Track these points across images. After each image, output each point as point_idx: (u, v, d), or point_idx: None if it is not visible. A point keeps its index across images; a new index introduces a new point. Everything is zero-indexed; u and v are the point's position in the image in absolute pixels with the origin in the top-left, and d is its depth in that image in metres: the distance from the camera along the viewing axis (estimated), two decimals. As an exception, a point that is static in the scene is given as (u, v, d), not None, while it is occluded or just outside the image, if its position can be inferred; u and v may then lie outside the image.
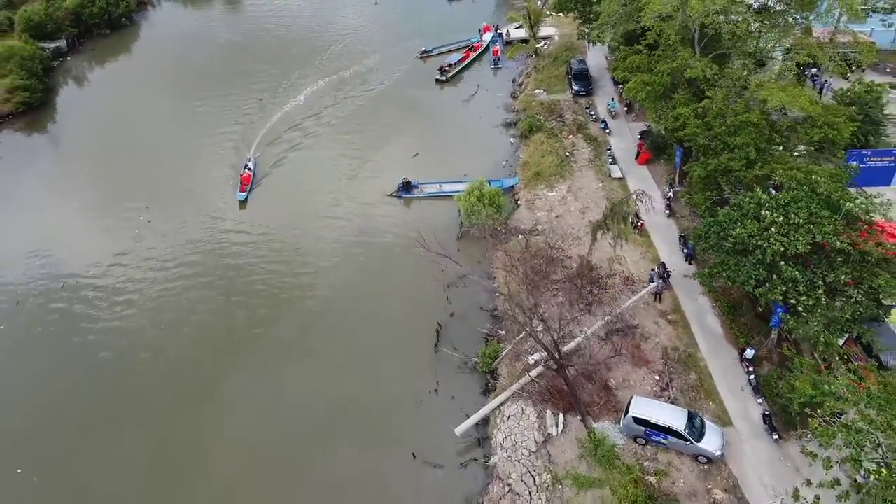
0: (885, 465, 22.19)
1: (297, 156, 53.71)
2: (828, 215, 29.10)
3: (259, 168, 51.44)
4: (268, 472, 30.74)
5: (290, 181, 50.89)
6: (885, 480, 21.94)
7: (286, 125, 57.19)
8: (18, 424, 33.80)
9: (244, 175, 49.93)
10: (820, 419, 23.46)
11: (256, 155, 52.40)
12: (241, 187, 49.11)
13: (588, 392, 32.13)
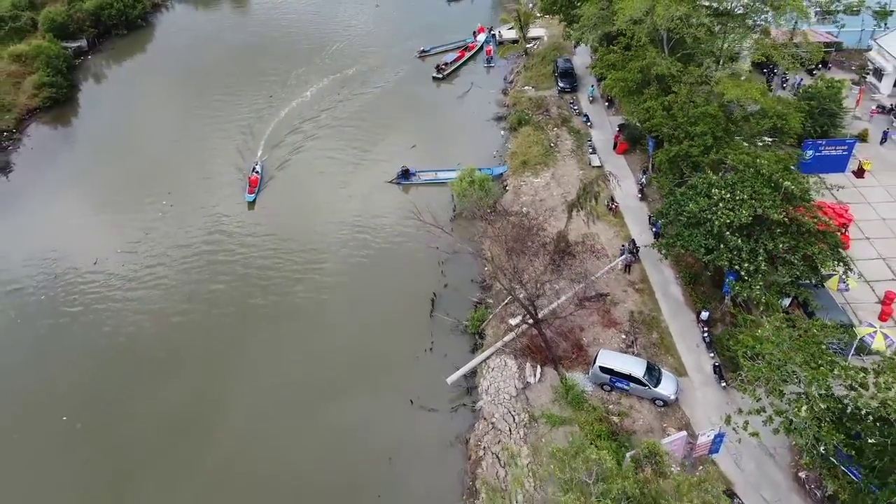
0: (806, 403, 26.78)
1: (305, 146, 58.23)
2: (768, 192, 33.78)
3: (268, 167, 54.90)
4: (285, 416, 35.41)
5: (298, 170, 55.45)
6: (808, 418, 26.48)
7: (297, 118, 61.79)
8: (64, 379, 38.37)
9: (252, 178, 52.91)
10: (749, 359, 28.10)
11: (263, 158, 55.81)
12: (250, 189, 52.06)
13: (563, 349, 36.81)
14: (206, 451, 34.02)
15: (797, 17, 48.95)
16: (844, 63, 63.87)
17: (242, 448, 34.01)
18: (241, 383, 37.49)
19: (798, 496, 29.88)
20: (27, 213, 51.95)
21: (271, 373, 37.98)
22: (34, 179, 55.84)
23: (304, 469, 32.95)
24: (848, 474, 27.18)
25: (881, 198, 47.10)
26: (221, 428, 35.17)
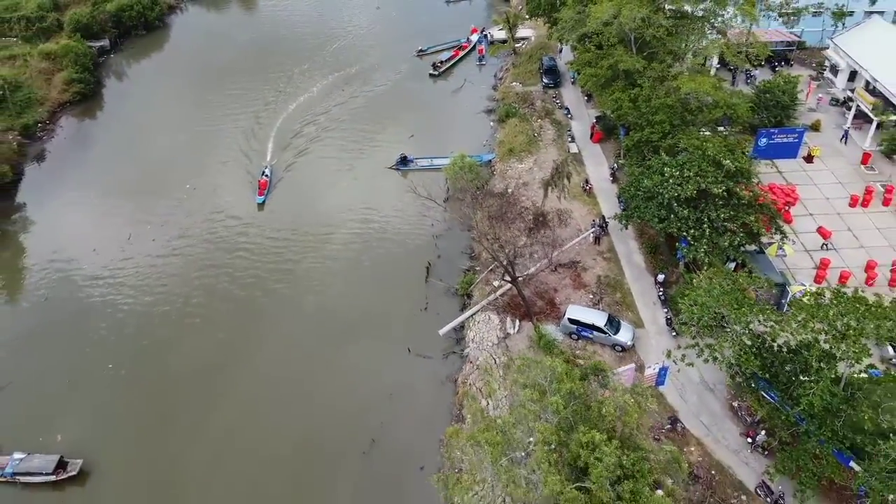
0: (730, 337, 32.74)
1: (316, 136, 64.17)
2: (712, 170, 39.68)
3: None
4: (302, 362, 41.55)
5: (308, 158, 61.39)
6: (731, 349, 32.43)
7: (306, 111, 67.73)
8: (112, 335, 44.39)
9: (262, 181, 56.69)
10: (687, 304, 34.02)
11: (273, 162, 60.30)
12: (260, 191, 55.91)
13: (539, 307, 42.83)
14: (236, 387, 40.08)
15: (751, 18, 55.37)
16: (806, 60, 69.85)
17: (267, 386, 40.11)
18: (262, 337, 43.58)
19: (731, 422, 35.87)
20: (65, 197, 57.87)
21: (289, 327, 44.13)
22: (68, 166, 61.80)
23: (317, 403, 38.98)
24: (766, 398, 33.14)
25: (826, 180, 53.16)
26: (248, 371, 41.24)
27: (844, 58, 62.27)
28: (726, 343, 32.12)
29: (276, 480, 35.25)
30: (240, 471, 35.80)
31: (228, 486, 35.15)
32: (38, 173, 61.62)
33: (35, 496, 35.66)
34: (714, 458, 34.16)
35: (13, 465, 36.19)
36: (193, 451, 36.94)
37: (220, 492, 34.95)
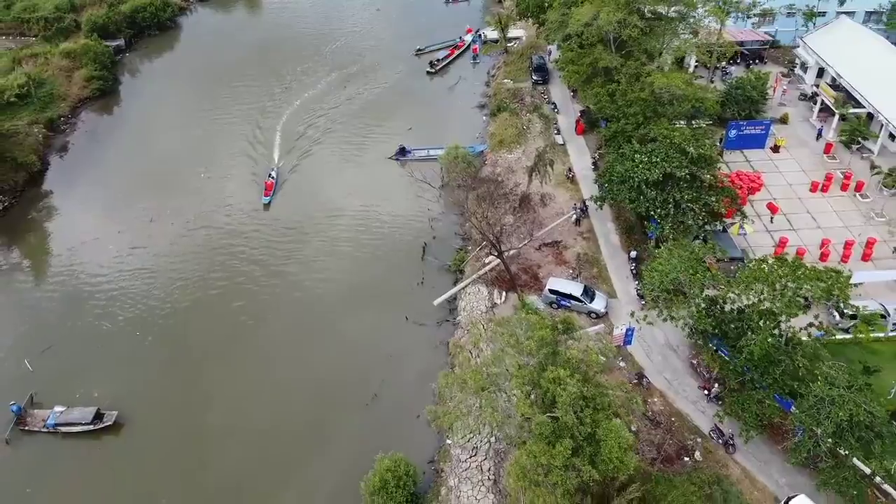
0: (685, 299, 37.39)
1: (323, 126, 68.84)
2: (677, 156, 44.34)
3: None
4: (312, 327, 46.30)
5: (315, 148, 66.05)
6: (685, 308, 37.11)
7: (311, 105, 72.41)
8: (138, 305, 49.08)
9: (268, 182, 59.76)
10: (649, 271, 38.66)
11: (279, 164, 64.03)
12: (266, 192, 58.96)
13: (524, 280, 47.53)
14: (252, 349, 44.84)
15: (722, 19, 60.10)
16: (780, 58, 74.55)
17: (279, 349, 44.84)
18: (274, 307, 48.30)
19: (690, 377, 40.56)
20: (88, 185, 62.58)
21: (298, 298, 48.88)
22: (90, 157, 66.44)
23: (325, 363, 43.70)
24: (719, 353, 37.79)
25: (790, 168, 57.90)
26: (262, 335, 46.02)
27: (812, 56, 66.98)
28: (683, 304, 36.83)
29: (290, 427, 39.95)
30: (257, 419, 40.51)
31: (247, 432, 39.85)
32: (62, 164, 66.26)
33: (74, 444, 40.27)
34: (674, 408, 38.86)
35: (55, 417, 40.87)
36: (215, 403, 41.65)
37: (240, 437, 39.62)
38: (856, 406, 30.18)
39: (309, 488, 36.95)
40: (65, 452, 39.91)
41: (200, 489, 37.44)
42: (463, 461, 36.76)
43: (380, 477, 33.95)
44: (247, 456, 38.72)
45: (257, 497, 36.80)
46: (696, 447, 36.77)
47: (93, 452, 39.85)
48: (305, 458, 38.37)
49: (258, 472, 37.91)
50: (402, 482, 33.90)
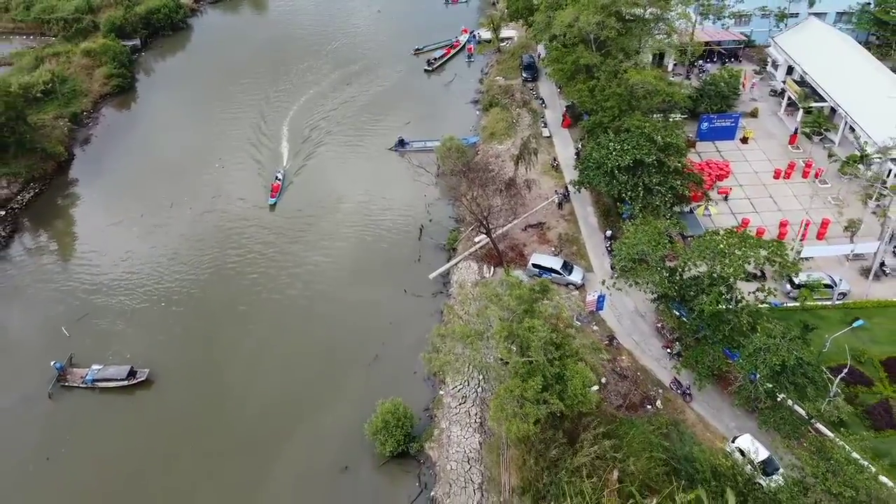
0: (647, 268, 42.50)
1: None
2: (646, 144, 49.49)
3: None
4: (323, 296, 51.69)
5: (323, 138, 71.31)
6: (648, 275, 42.24)
7: (317, 100, 77.68)
8: (161, 277, 54.34)
9: (275, 184, 63.33)
10: (619, 245, 43.83)
11: (285, 167, 68.11)
12: (272, 194, 62.64)
13: (510, 257, 52.75)
14: (265, 315, 50.14)
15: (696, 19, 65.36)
16: (753, 57, 79.76)
17: (290, 316, 50.24)
18: (285, 280, 53.59)
19: (655, 339, 45.80)
20: (110, 174, 67.88)
21: (307, 273, 54.19)
22: (111, 148, 71.71)
23: (332, 328, 49.03)
24: (679, 315, 42.98)
25: (757, 157, 63.12)
26: (275, 304, 51.36)
27: (782, 54, 72.18)
28: (646, 272, 42.00)
29: (300, 383, 45.26)
30: (271, 376, 45.81)
31: (262, 386, 45.14)
32: (86, 154, 71.52)
33: (110, 398, 45.53)
34: (640, 364, 44.12)
35: (93, 374, 46.14)
36: (233, 363, 46.95)
37: (256, 391, 44.88)
38: (787, 353, 35.40)
39: (318, 433, 42.18)
40: (101, 405, 45.16)
41: (222, 435, 42.62)
42: (454, 408, 42.05)
43: (381, 418, 39.23)
44: (262, 406, 43.98)
45: (272, 440, 41.99)
46: (658, 397, 42.03)
47: (126, 405, 45.08)
48: (314, 409, 43.63)
49: (272, 419, 43.15)
50: (401, 422, 39.20)
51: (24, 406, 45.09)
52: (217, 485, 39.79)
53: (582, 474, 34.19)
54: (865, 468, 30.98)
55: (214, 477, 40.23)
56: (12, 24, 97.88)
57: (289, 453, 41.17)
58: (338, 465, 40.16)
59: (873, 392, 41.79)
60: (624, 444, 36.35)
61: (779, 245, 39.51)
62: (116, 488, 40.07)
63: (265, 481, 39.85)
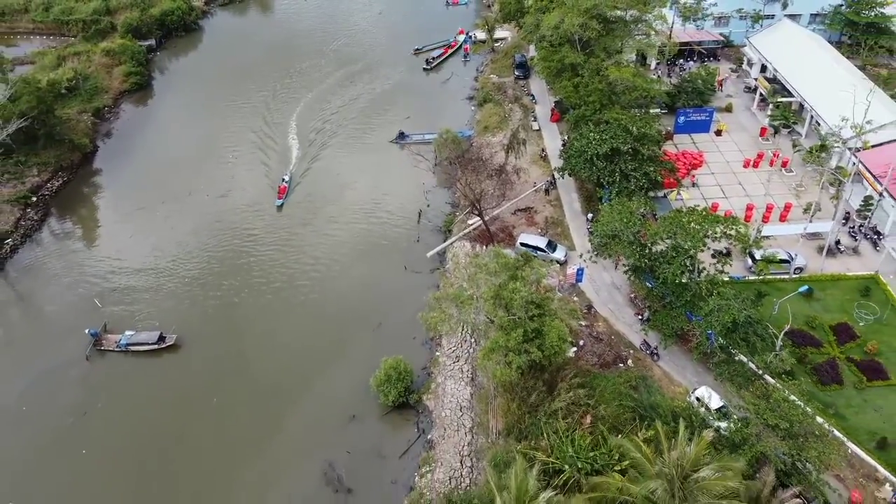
0: (620, 241, 47.76)
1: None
2: (622, 134, 54.79)
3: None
4: (333, 271, 57.04)
5: (330, 130, 76.74)
6: (621, 248, 47.56)
7: (320, 101, 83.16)
8: (183, 256, 59.71)
9: (282, 186, 67.04)
10: (596, 223, 49.16)
11: (292, 170, 71.02)
12: (279, 196, 66.22)
13: (501, 238, 58.12)
14: (280, 288, 55.55)
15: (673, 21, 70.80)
16: (731, 56, 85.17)
17: (303, 287, 55.81)
18: (297, 257, 59.05)
19: (629, 308, 51.14)
20: (132, 164, 73.26)
21: (317, 250, 59.66)
22: (132, 141, 77.11)
23: (340, 300, 54.42)
24: (648, 285, 48.33)
25: (729, 148, 68.49)
26: (288, 277, 56.77)
27: (756, 53, 77.58)
28: (619, 246, 47.30)
29: (312, 346, 50.66)
30: (286, 340, 51.25)
31: (278, 349, 50.54)
32: (108, 146, 76.91)
33: (142, 360, 50.87)
34: (614, 329, 49.46)
35: (126, 338, 51.50)
36: (252, 328, 52.38)
37: (273, 353, 50.27)
38: (738, 312, 40.72)
39: (329, 388, 47.59)
40: (133, 366, 50.50)
41: (242, 391, 47.97)
42: (448, 366, 47.46)
43: (385, 372, 44.65)
44: (278, 366, 49.36)
45: (287, 395, 47.36)
46: (629, 356, 47.37)
47: (156, 366, 50.43)
48: (325, 368, 49.04)
49: (287, 377, 48.52)
50: (402, 376, 44.62)
51: (65, 368, 50.42)
52: (239, 433, 45.11)
53: (558, 417, 39.60)
54: (798, 406, 36.36)
55: (236, 426, 45.55)
56: (32, 25, 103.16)
57: (303, 405, 46.59)
58: (346, 415, 45.58)
59: (822, 353, 47.09)
60: (596, 393, 41.78)
61: (733, 220, 44.82)
62: (148, 437, 45.33)
63: (282, 429, 45.24)
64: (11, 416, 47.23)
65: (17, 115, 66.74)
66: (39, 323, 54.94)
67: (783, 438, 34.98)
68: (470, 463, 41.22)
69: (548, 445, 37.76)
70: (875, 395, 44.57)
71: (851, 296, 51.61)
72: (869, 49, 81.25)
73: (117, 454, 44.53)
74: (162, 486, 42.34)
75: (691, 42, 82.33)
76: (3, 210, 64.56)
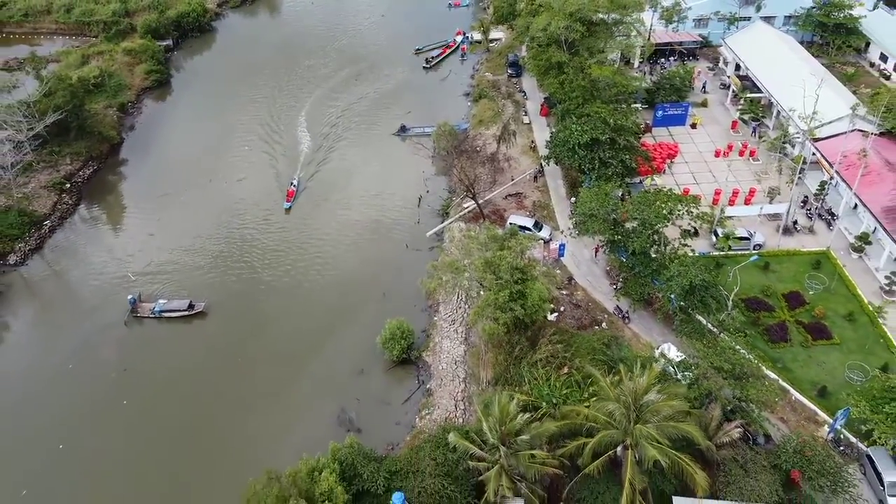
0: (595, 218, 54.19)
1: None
2: (601, 126, 61.20)
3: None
4: (340, 250, 63.57)
5: (334, 122, 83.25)
6: (595, 223, 54.00)
7: (326, 98, 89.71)
8: (207, 234, 66.23)
9: (290, 190, 71.27)
10: (576, 204, 55.64)
11: (300, 175, 74.81)
12: (287, 199, 70.42)
13: (493, 220, 64.58)
14: (294, 263, 62.05)
15: (652, 23, 77.26)
16: (709, 55, 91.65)
17: (315, 262, 62.42)
18: (307, 237, 65.58)
19: (605, 279, 57.64)
20: (155, 155, 79.85)
21: (325, 230, 66.16)
22: (154, 134, 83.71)
23: (348, 274, 61.05)
24: (621, 258, 54.83)
25: (702, 139, 75.00)
26: (300, 254, 63.25)
27: (731, 53, 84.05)
28: (595, 224, 53.73)
29: (324, 313, 57.21)
30: (301, 307, 57.83)
31: (294, 316, 57.08)
32: (132, 138, 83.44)
33: (174, 325, 57.36)
34: (592, 297, 55.95)
35: (159, 306, 57.99)
36: (272, 297, 59.04)
37: (289, 319, 56.76)
38: (694, 276, 47.19)
39: (340, 347, 54.12)
40: (166, 330, 56.99)
41: (263, 351, 54.42)
42: (445, 328, 54.02)
43: (389, 332, 51.19)
44: (295, 330, 55.89)
45: (303, 354, 53.85)
46: (604, 320, 53.85)
47: (186, 330, 56.96)
48: (336, 331, 55.55)
49: (303, 339, 55.06)
50: (404, 335, 51.16)
51: (106, 331, 56.93)
52: (261, 385, 51.58)
53: (538, 367, 46.10)
54: (741, 353, 42.88)
55: (259, 380, 52.01)
56: (55, 26, 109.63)
57: (317, 362, 53.15)
58: (356, 369, 52.14)
59: (774, 316, 53.54)
60: (573, 349, 48.29)
61: (692, 199, 51.35)
62: (179, 390, 51.65)
63: (300, 381, 51.75)
64: (61, 372, 53.68)
65: (53, 109, 73.11)
66: (79, 294, 61.40)
67: (726, 379, 41.42)
68: (463, 406, 47.76)
69: (529, 390, 44.27)
70: (819, 353, 51.00)
71: (804, 268, 58.12)
72: (837, 48, 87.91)
73: (153, 404, 50.86)
74: (194, 431, 48.75)
75: (672, 42, 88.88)
76: (41, 195, 71.10)
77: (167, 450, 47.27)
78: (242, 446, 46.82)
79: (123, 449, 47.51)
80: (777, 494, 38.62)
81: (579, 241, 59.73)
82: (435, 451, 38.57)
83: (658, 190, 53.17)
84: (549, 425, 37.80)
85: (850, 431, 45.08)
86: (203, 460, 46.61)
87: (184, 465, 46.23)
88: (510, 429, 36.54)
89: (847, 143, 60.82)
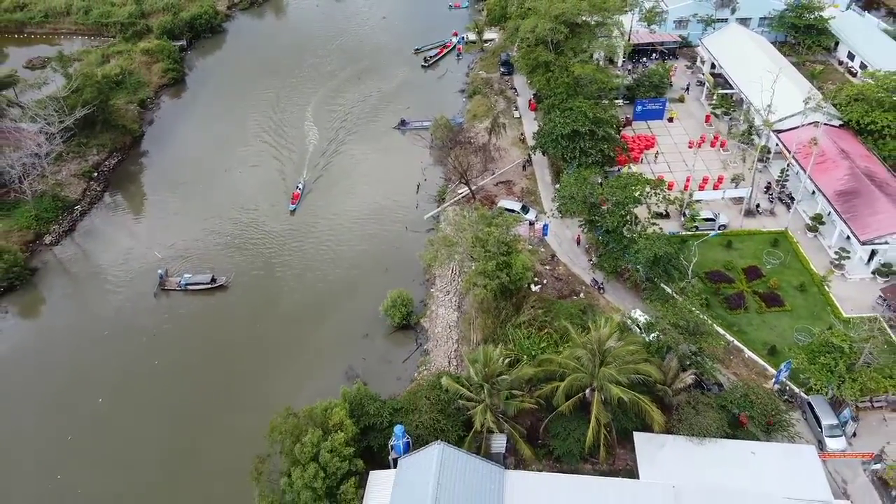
0: (575, 201, 60.89)
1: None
2: (582, 118, 67.82)
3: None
4: (345, 231, 70.26)
5: (339, 117, 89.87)
6: (574, 206, 60.74)
7: (332, 96, 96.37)
8: (223, 218, 72.87)
9: (295, 193, 75.52)
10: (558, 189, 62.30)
11: (306, 178, 79.42)
12: (293, 201, 74.70)
13: (485, 204, 71.24)
14: (305, 243, 68.71)
15: (633, 25, 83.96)
16: (688, 54, 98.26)
17: (324, 241, 69.03)
18: (317, 216, 72.27)
19: (584, 256, 64.23)
20: (173, 147, 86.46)
21: (331, 214, 72.80)
22: (172, 128, 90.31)
23: (354, 251, 67.78)
24: (598, 237, 61.47)
25: (678, 132, 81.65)
26: (312, 234, 69.87)
27: (707, 52, 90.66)
28: (575, 205, 60.34)
29: (333, 285, 63.91)
30: (312, 279, 64.52)
31: (306, 287, 63.79)
32: (152, 132, 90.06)
33: (198, 298, 63.99)
34: (571, 272, 62.60)
35: (185, 279, 64.63)
36: (286, 272, 65.72)
37: (301, 291, 63.49)
38: (658, 248, 53.80)
39: (347, 315, 60.84)
40: (191, 301, 63.65)
41: (279, 319, 61.10)
42: (440, 298, 60.74)
43: (391, 301, 57.86)
44: (307, 300, 62.61)
45: (314, 320, 60.52)
46: (582, 290, 60.51)
47: (210, 302, 63.61)
48: (344, 301, 62.27)
49: (314, 308, 61.76)
50: (405, 302, 57.83)
51: (137, 301, 63.62)
52: (277, 347, 58.24)
53: (522, 328, 52.78)
54: (695, 312, 49.54)
55: (275, 343, 58.66)
56: (74, 26, 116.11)
57: (325, 328, 59.86)
58: (361, 333, 58.86)
59: (733, 287, 60.16)
60: (553, 313, 54.95)
61: (659, 182, 58.03)
62: (204, 352, 58.31)
63: (312, 344, 58.42)
64: (97, 337, 60.31)
65: (82, 104, 79.68)
66: (109, 271, 67.93)
67: (682, 334, 48.04)
68: (456, 363, 54.47)
69: (513, 346, 50.96)
70: (772, 318, 57.61)
71: (763, 246, 64.74)
72: (807, 48, 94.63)
73: (181, 364, 57.47)
74: (218, 386, 55.34)
75: (654, 42, 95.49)
76: (72, 182, 77.72)
77: (199, 399, 54.01)
78: (264, 395, 53.45)
79: (159, 399, 54.18)
80: (724, 430, 45.28)
81: (562, 223, 66.42)
82: (430, 392, 45.24)
83: (630, 174, 59.74)
84: (527, 369, 44.52)
85: (794, 383, 51.76)
86: (230, 406, 53.21)
87: (213, 410, 52.96)
88: (493, 370, 43.23)
89: (802, 134, 67.49)
